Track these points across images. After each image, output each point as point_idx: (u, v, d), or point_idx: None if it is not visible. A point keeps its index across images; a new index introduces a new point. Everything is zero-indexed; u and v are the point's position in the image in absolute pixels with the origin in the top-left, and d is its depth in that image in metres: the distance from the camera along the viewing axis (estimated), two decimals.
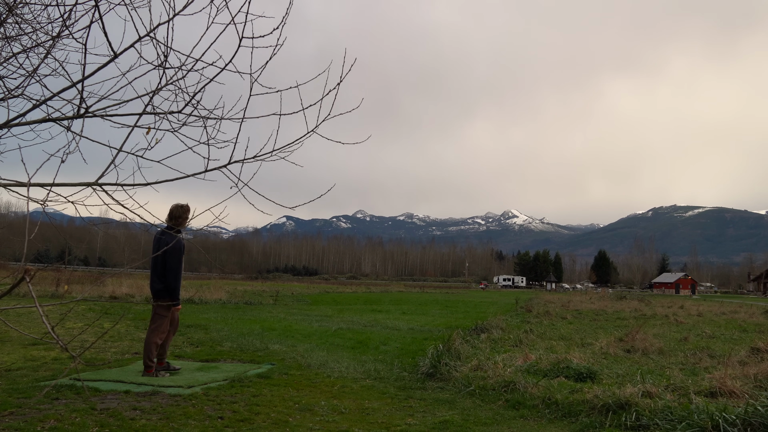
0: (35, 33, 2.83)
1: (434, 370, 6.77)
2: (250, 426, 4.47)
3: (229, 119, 2.55)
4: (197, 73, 2.45)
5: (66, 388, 5.37)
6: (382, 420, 4.78)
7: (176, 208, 6.45)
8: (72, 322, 11.14)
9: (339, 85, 2.45)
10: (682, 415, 4.58)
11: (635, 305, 27.05)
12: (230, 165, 2.46)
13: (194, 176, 2.45)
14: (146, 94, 2.43)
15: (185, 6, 2.29)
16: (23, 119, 2.44)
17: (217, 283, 36.40)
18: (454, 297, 39.55)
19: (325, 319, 15.04)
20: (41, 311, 1.86)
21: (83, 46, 2.31)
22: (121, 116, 2.45)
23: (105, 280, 24.70)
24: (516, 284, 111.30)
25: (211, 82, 2.46)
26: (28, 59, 2.78)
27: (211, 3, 2.28)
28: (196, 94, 2.48)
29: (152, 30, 2.29)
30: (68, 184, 2.29)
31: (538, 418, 5.01)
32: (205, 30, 2.29)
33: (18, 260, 33.61)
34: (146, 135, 2.46)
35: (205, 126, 2.55)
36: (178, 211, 6.44)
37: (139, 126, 2.44)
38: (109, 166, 2.35)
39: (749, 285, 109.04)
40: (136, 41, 2.33)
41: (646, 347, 9.45)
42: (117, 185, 2.36)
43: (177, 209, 6.45)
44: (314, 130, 2.51)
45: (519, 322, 15.73)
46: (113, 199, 2.35)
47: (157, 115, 2.48)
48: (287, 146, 2.53)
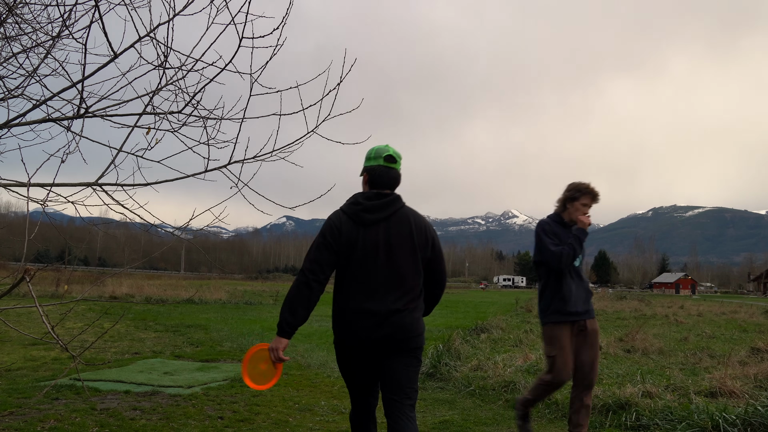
0: (35, 33, 2.83)
1: (434, 370, 6.77)
2: (250, 426, 4.47)
3: (229, 119, 2.55)
4: (197, 73, 2.45)
5: (66, 388, 5.37)
6: (382, 420, 4.77)
7: None
8: (72, 322, 11.14)
9: (339, 85, 2.45)
10: (682, 415, 4.58)
11: (635, 305, 27.04)
12: (230, 165, 2.47)
13: (194, 176, 2.46)
14: (146, 95, 2.43)
15: (185, 6, 2.29)
16: (23, 119, 2.44)
17: (217, 283, 36.43)
18: (454, 297, 39.54)
19: (325, 319, 15.03)
20: (41, 311, 1.86)
21: (83, 46, 2.31)
22: (121, 116, 2.45)
23: (105, 280, 24.70)
24: (516, 284, 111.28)
25: (211, 82, 2.46)
26: (28, 59, 2.78)
27: (211, 3, 2.28)
28: (196, 95, 2.48)
29: (152, 30, 2.29)
30: (68, 184, 2.29)
31: (538, 418, 5.00)
32: (205, 30, 2.29)
33: (18, 260, 33.59)
34: (146, 135, 2.46)
35: (205, 126, 2.55)
36: None
37: (139, 126, 2.44)
38: (109, 166, 2.35)
39: (749, 285, 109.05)
40: (136, 41, 2.33)
41: (646, 347, 9.44)
42: (117, 185, 2.36)
43: None
44: (314, 130, 2.52)
45: (519, 322, 15.73)
46: (113, 199, 2.35)
47: (157, 115, 2.48)
48: (287, 146, 2.53)
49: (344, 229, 2.83)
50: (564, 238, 3.91)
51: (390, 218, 2.87)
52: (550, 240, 3.90)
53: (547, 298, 3.92)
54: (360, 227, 2.82)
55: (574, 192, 3.98)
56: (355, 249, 2.81)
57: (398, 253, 2.83)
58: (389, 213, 2.87)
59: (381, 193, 2.91)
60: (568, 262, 3.84)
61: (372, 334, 2.77)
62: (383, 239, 2.83)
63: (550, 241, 3.89)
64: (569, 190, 4.01)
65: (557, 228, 3.98)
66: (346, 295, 2.83)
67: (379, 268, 2.81)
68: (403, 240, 2.86)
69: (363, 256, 2.81)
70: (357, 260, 2.81)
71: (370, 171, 2.96)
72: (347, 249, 2.81)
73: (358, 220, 2.83)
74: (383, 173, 2.93)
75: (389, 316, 2.78)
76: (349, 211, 2.86)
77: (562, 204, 4.05)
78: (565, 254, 3.81)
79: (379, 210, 2.86)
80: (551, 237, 3.93)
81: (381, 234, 2.84)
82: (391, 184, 2.95)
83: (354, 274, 2.82)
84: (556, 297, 3.87)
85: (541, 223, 4.08)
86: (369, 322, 2.77)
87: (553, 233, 3.95)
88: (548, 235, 3.94)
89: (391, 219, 2.87)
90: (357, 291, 2.81)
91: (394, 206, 2.90)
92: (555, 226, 3.99)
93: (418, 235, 2.90)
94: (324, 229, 2.88)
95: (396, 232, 2.85)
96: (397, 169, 2.98)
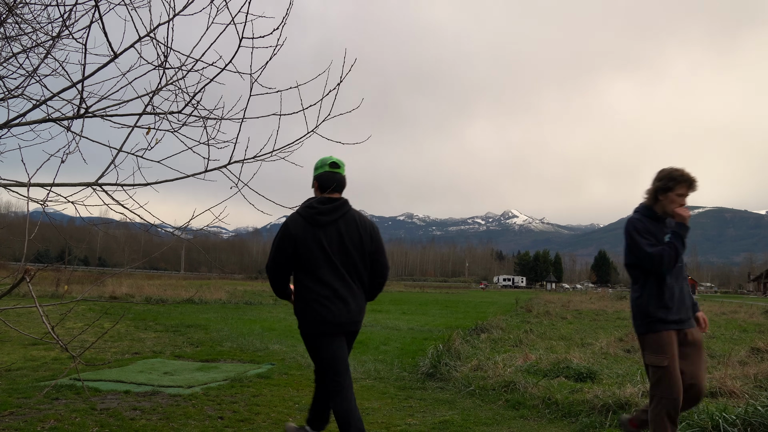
0: (35, 33, 2.83)
1: (434, 370, 6.77)
2: (250, 426, 4.47)
3: (229, 119, 2.55)
4: (197, 73, 2.45)
5: (66, 388, 5.37)
6: (382, 420, 4.78)
7: None
8: (72, 322, 11.14)
9: (339, 85, 2.45)
10: (682, 415, 4.57)
11: None
12: (230, 165, 2.47)
13: (194, 176, 2.46)
14: (146, 95, 2.43)
15: (185, 6, 2.29)
16: (23, 119, 2.44)
17: (217, 283, 36.42)
18: (454, 297, 39.54)
19: None
20: (41, 311, 1.86)
21: (83, 46, 2.31)
22: (121, 116, 2.45)
23: (105, 280, 24.70)
24: (516, 284, 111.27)
25: (211, 82, 2.46)
26: (28, 59, 2.78)
27: (211, 3, 2.28)
28: (196, 95, 2.48)
29: (152, 30, 2.29)
30: (68, 184, 2.29)
31: (538, 418, 5.00)
32: (205, 30, 2.29)
33: (18, 260, 33.59)
34: (146, 135, 2.46)
35: (205, 126, 2.55)
36: None
37: (139, 126, 2.44)
38: (109, 166, 2.35)
39: (749, 285, 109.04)
40: (136, 41, 2.33)
41: None
42: (117, 185, 2.36)
43: None
44: (314, 130, 2.51)
45: (519, 322, 15.73)
46: (113, 199, 2.35)
47: (157, 115, 2.48)
48: (287, 146, 2.53)
49: (301, 229, 3.27)
50: (659, 236, 3.40)
51: (339, 220, 3.36)
52: (645, 240, 3.38)
53: (645, 305, 3.41)
54: (316, 228, 3.29)
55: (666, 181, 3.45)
56: (312, 247, 3.26)
57: (350, 249, 3.35)
58: (340, 215, 3.36)
59: (332, 198, 3.40)
60: (671, 264, 3.33)
61: (337, 318, 3.27)
62: (336, 238, 3.32)
63: (646, 242, 3.37)
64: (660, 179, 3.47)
65: (650, 224, 3.47)
66: (310, 287, 3.27)
67: (336, 263, 3.29)
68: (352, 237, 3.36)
69: (321, 253, 3.27)
70: (316, 256, 3.26)
71: (318, 178, 3.46)
72: (305, 247, 3.26)
73: (314, 222, 3.29)
74: (330, 177, 3.43)
75: (349, 304, 3.31)
76: (305, 214, 3.31)
77: (652, 195, 3.51)
78: (666, 256, 3.30)
79: (332, 213, 3.33)
80: (645, 236, 3.40)
81: (334, 233, 3.32)
82: (338, 186, 3.45)
83: (315, 269, 3.27)
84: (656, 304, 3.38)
85: (631, 220, 3.55)
86: (335, 309, 3.26)
87: (647, 231, 3.43)
88: (641, 234, 3.42)
89: (340, 221, 3.36)
90: (320, 283, 3.26)
91: (343, 209, 3.39)
92: (647, 223, 3.48)
93: (364, 232, 3.41)
94: (282, 231, 3.32)
95: (346, 231, 3.35)
96: (341, 173, 3.48)
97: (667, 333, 3.35)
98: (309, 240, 3.25)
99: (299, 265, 3.31)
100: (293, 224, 3.29)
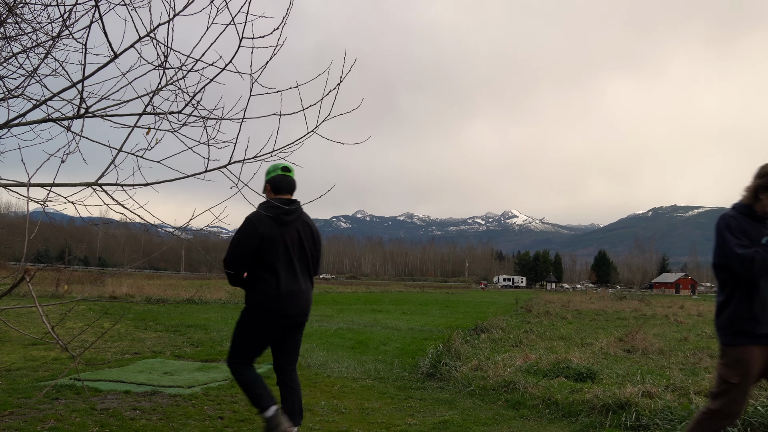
0: (35, 33, 2.83)
1: (434, 370, 6.77)
2: (250, 426, 4.47)
3: (229, 119, 2.55)
4: (197, 73, 2.45)
5: (66, 388, 5.37)
6: (382, 420, 4.78)
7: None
8: (72, 322, 11.14)
9: (339, 85, 2.45)
10: (682, 415, 4.58)
11: (635, 305, 27.06)
12: (230, 165, 2.46)
13: (194, 176, 2.45)
14: (146, 95, 2.42)
15: (185, 6, 2.29)
16: (23, 119, 2.44)
17: (217, 283, 36.37)
18: (454, 297, 39.55)
19: (325, 319, 15.03)
20: (41, 311, 1.86)
21: (83, 46, 2.30)
22: (121, 116, 2.45)
23: (105, 280, 24.71)
24: (516, 284, 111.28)
25: (211, 82, 2.46)
26: (28, 59, 2.78)
27: (211, 3, 2.28)
28: (196, 95, 2.48)
29: (152, 30, 2.29)
30: (68, 184, 2.29)
31: (538, 418, 5.01)
32: (205, 30, 2.29)
33: (18, 260, 33.59)
34: (146, 135, 2.46)
35: (205, 126, 2.54)
36: None
37: (139, 126, 2.44)
38: (109, 167, 2.35)
39: None
40: (136, 41, 2.33)
41: (646, 347, 9.45)
42: (117, 185, 2.36)
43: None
44: (314, 130, 2.51)
45: (519, 322, 15.73)
46: (113, 199, 2.35)
47: (157, 115, 2.48)
48: (287, 146, 2.52)
49: (266, 227, 3.53)
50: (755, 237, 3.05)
51: (297, 220, 3.67)
52: (736, 240, 3.04)
53: (731, 314, 3.08)
54: (280, 226, 3.58)
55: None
56: (276, 243, 3.54)
57: (306, 247, 3.70)
58: (297, 215, 3.68)
59: (292, 200, 3.72)
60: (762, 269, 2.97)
61: (291, 309, 3.62)
62: (296, 236, 3.64)
63: (737, 242, 3.03)
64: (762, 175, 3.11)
65: (746, 223, 3.11)
66: (270, 280, 3.54)
67: (296, 258, 3.63)
68: (307, 237, 3.71)
69: (285, 249, 3.57)
70: (279, 252, 3.55)
71: (271, 181, 3.76)
72: (269, 243, 3.53)
73: (279, 221, 3.57)
74: (282, 180, 3.74)
75: (304, 295, 3.69)
76: (271, 213, 3.56)
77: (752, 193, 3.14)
78: (759, 259, 2.96)
79: (293, 213, 3.64)
80: (738, 236, 3.05)
81: (294, 232, 3.64)
82: (290, 189, 3.77)
83: (277, 263, 3.55)
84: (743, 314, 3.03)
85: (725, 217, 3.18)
86: (293, 300, 3.60)
87: (741, 231, 3.07)
88: (734, 232, 3.07)
89: (298, 221, 3.68)
90: (280, 276, 3.55)
91: (300, 210, 3.73)
92: (743, 222, 3.11)
93: (314, 233, 3.79)
94: (246, 227, 3.56)
95: (303, 231, 3.69)
96: (292, 176, 3.78)
97: (750, 349, 3.01)
98: (275, 237, 3.53)
99: (260, 260, 3.56)
100: (260, 222, 3.53)
